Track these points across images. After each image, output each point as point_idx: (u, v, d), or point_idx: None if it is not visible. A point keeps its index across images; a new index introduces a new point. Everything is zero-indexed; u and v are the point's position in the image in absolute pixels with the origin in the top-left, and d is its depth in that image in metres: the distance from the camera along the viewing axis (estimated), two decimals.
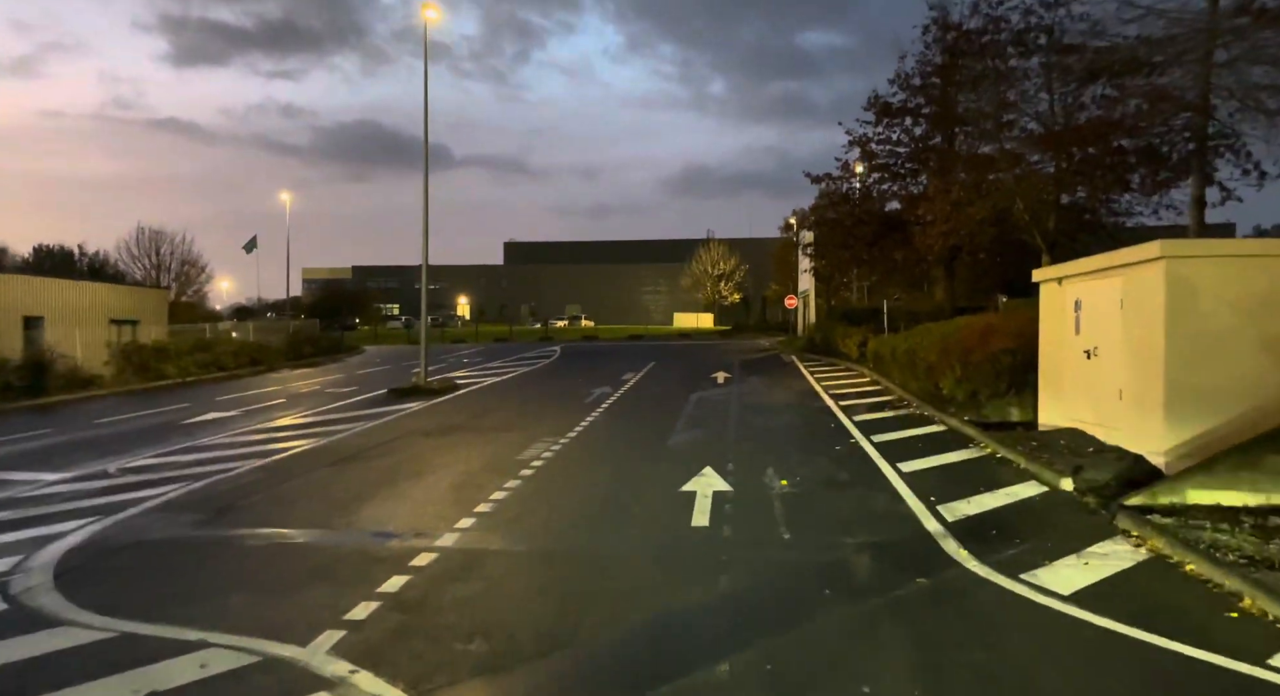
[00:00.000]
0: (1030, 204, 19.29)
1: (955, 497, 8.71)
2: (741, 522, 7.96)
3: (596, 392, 19.53)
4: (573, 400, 18.10)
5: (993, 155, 19.80)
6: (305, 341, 32.09)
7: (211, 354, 23.82)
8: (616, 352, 37.80)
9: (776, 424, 14.55)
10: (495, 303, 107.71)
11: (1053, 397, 12.27)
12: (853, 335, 26.44)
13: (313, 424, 14.86)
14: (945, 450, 11.53)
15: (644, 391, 19.99)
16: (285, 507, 8.73)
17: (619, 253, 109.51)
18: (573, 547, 7.27)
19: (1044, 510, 8.33)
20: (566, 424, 14.36)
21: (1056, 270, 12.18)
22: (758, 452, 11.65)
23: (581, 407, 16.69)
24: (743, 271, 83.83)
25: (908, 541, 7.31)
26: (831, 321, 29.83)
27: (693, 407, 16.77)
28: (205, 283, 62.88)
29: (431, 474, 10.32)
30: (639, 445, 12.50)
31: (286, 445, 12.52)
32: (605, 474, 10.39)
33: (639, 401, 18.00)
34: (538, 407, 17.00)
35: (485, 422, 14.78)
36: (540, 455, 11.46)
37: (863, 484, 9.62)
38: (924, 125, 25.28)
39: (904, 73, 25.19)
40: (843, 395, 18.47)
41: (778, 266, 62.76)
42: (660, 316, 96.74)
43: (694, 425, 14.34)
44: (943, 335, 16.98)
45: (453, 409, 16.97)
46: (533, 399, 18.74)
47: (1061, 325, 12.03)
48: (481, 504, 8.65)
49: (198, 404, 18.28)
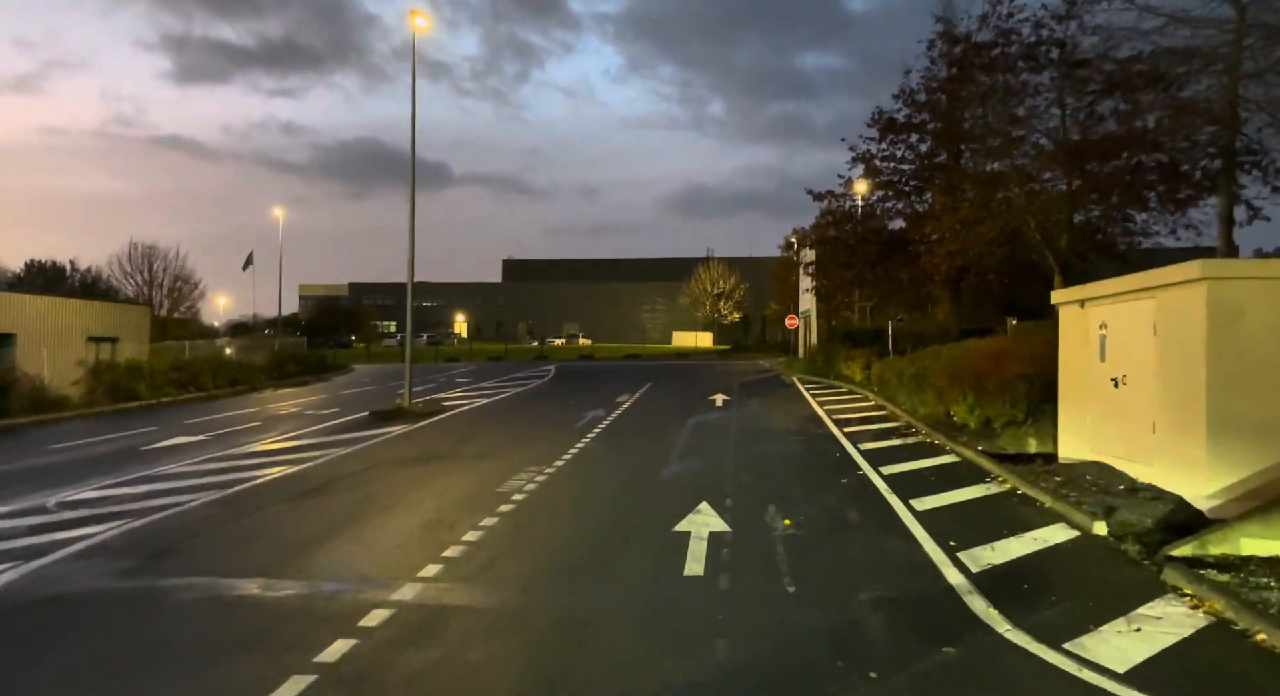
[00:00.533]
0: (1041, 223, 18.56)
1: (977, 542, 7.85)
2: (741, 571, 7.09)
3: (589, 416, 18.68)
4: (563, 425, 17.24)
5: (1002, 172, 19.09)
6: (290, 360, 31.09)
7: (188, 373, 22.93)
8: (612, 373, 36.99)
9: (778, 453, 13.69)
10: (493, 321, 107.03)
11: (1075, 428, 11.41)
12: (856, 357, 25.63)
13: (283, 450, 13.98)
14: (960, 484, 10.67)
15: (639, 415, 19.15)
16: (231, 551, 7.85)
17: (618, 271, 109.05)
18: (549, 603, 6.40)
19: (1078, 559, 7.46)
20: (555, 451, 13.50)
21: (1078, 291, 11.37)
22: (758, 486, 10.79)
23: (572, 433, 15.83)
24: (742, 290, 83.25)
25: (929, 598, 6.43)
26: (834, 343, 29.04)
27: (689, 434, 15.91)
28: (198, 299, 61.95)
29: (402, 509, 9.45)
30: (630, 476, 11.64)
31: (250, 475, 11.64)
32: (592, 510, 9.52)
33: (633, 426, 17.14)
34: (526, 433, 16.14)
35: (468, 449, 13.90)
36: (523, 487, 10.59)
37: (874, 525, 8.75)
38: (929, 142, 24.62)
39: (909, 88, 24.58)
40: (847, 421, 17.62)
41: (778, 286, 62.08)
42: (659, 335, 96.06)
43: (690, 454, 13.48)
44: (953, 359, 16.17)
45: (435, 434, 16.09)
46: (521, 423, 17.88)
47: (1084, 351, 11.21)
48: (451, 546, 7.78)
49: (165, 427, 17.37)
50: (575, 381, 31.13)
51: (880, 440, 14.76)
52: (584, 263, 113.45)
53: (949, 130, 23.22)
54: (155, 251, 59.62)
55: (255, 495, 10.29)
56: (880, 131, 24.62)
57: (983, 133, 20.21)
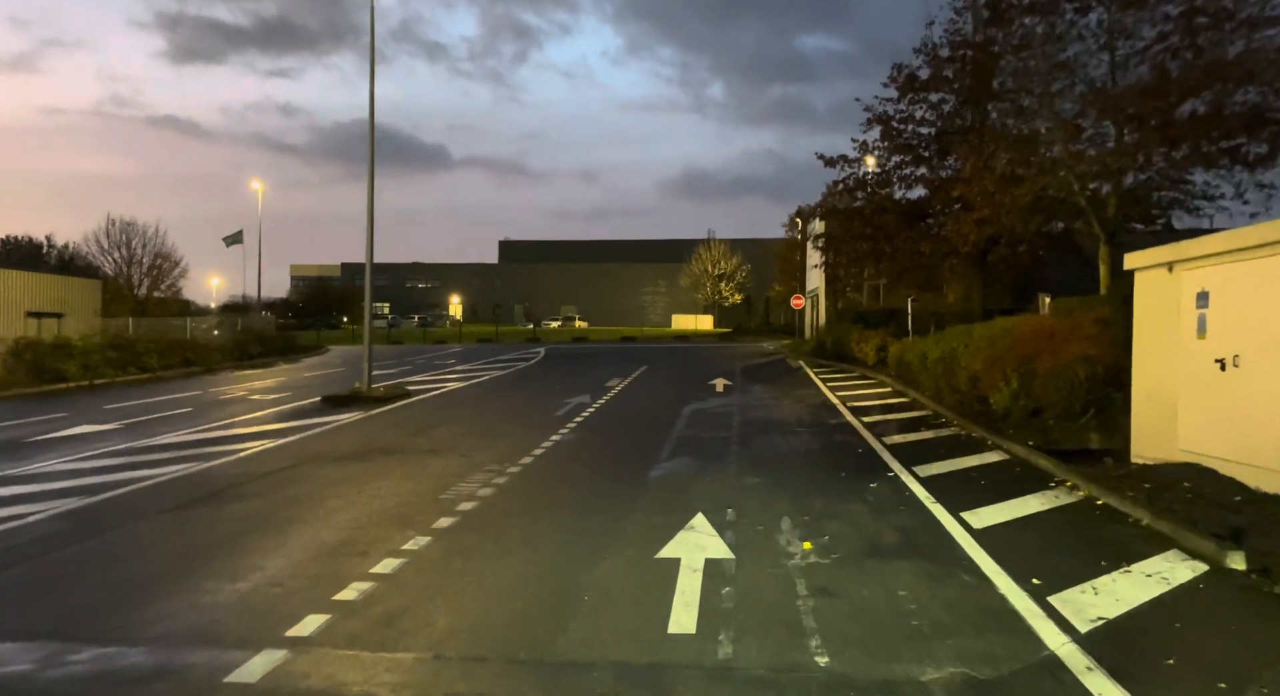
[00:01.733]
0: (1086, 184, 16.33)
1: (1070, 580, 5.75)
2: (749, 626, 4.99)
3: (572, 403, 16.55)
4: (541, 413, 15.13)
5: (1043, 128, 16.82)
6: (254, 340, 28.84)
7: (130, 353, 20.75)
8: (605, 356, 34.85)
9: (789, 448, 11.57)
10: (489, 302, 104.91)
11: (1156, 421, 9.29)
12: (869, 339, 23.46)
13: (201, 442, 11.84)
14: (1020, 491, 8.55)
15: (629, 402, 17.03)
16: (41, 593, 5.73)
17: (616, 252, 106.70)
18: (463, 690, 4.28)
19: (1219, 608, 5.34)
20: (524, 445, 11.40)
21: (1167, 252, 9.19)
22: (767, 491, 8.68)
23: (549, 422, 13.72)
24: (745, 271, 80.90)
25: (1029, 679, 4.32)
26: (844, 324, 26.85)
27: (686, 424, 13.79)
28: (179, 278, 59.58)
29: (308, 525, 7.33)
30: (611, 478, 9.52)
31: (138, 476, 9.51)
32: (553, 526, 7.40)
33: (621, 415, 15.03)
34: (496, 423, 14.02)
35: (421, 442, 11.78)
36: (475, 493, 8.49)
37: (923, 550, 6.62)
38: (953, 100, 22.32)
39: (931, 42, 22.28)
40: (865, 409, 15.49)
41: (781, 266, 59.79)
42: (658, 318, 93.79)
43: (685, 449, 11.37)
44: (989, 339, 13.98)
45: (389, 423, 13.97)
46: (493, 411, 15.75)
47: (1171, 326, 9.05)
48: (352, 585, 5.67)
49: (77, 413, 15.22)
50: (564, 365, 28.99)
51: (908, 432, 12.64)
52: (582, 244, 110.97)
53: (976, 87, 20.94)
54: (134, 227, 57.23)
55: (125, 505, 8.16)
56: (900, 89, 22.32)
57: (1018, 85, 17.92)
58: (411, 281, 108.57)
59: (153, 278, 57.92)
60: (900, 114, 22.93)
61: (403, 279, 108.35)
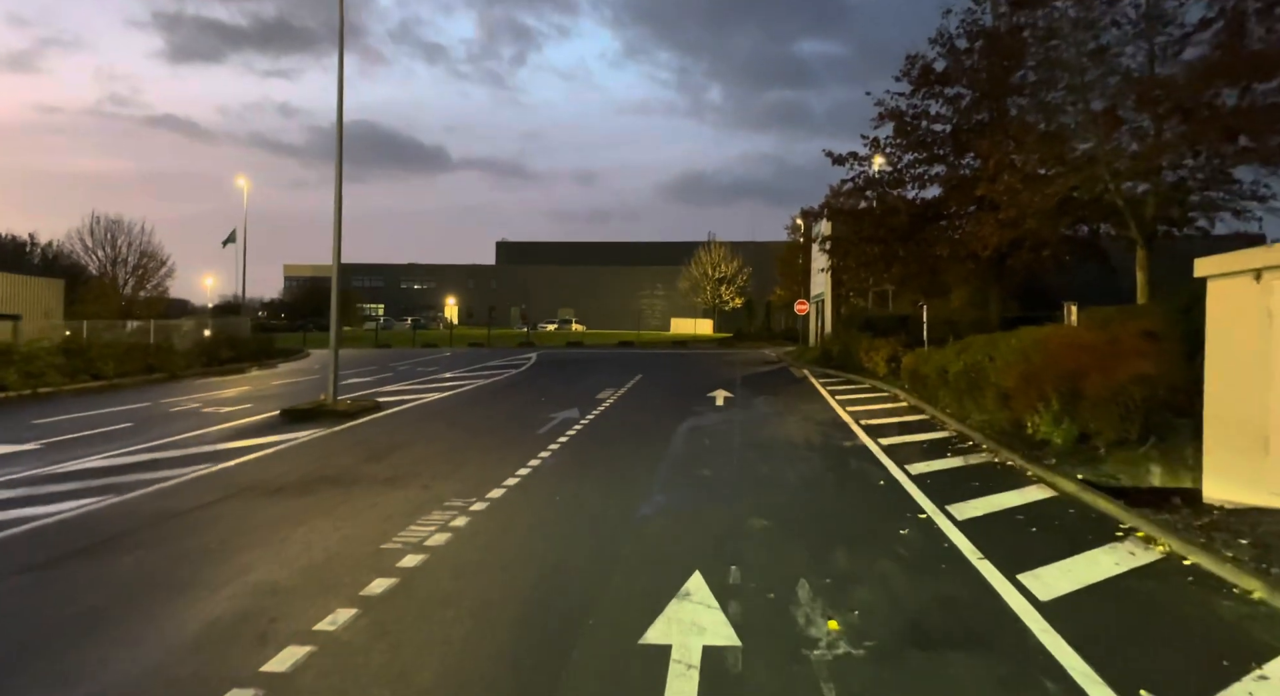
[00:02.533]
0: (1121, 183, 14.89)
1: (1191, 694, 4.28)
2: None
3: (558, 418, 15.09)
4: (523, 430, 13.67)
5: (1073, 122, 15.39)
6: (224, 343, 27.21)
7: (83, 359, 19.23)
8: (600, 362, 33.35)
9: (799, 478, 10.11)
10: (485, 304, 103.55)
11: (1238, 455, 7.83)
12: (879, 348, 22.01)
13: (122, 468, 10.30)
14: (1083, 543, 7.09)
15: (620, 418, 15.56)
16: None
17: (615, 255, 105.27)
18: None
19: None
20: (497, 473, 9.94)
21: (1255, 256, 7.74)
22: (777, 539, 7.23)
23: (530, 443, 12.25)
24: (745, 275, 79.33)
25: None
26: (851, 331, 25.39)
27: (681, 445, 12.33)
28: (166, 277, 58.05)
29: (200, 594, 5.85)
30: (593, 517, 8.06)
31: (21, 515, 7.98)
32: (512, 595, 5.91)
33: (610, 434, 13.56)
34: (469, 442, 12.55)
35: (379, 469, 10.31)
36: (425, 541, 7.03)
37: (980, 635, 5.15)
38: (971, 96, 20.88)
39: (947, 33, 20.85)
40: (881, 428, 14.03)
41: (783, 270, 58.29)
42: (657, 321, 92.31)
43: (679, 479, 9.91)
44: (1020, 353, 12.54)
45: (349, 443, 12.49)
46: (468, 428, 14.26)
47: (1259, 342, 7.61)
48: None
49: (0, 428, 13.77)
50: (555, 372, 27.50)
51: (933, 459, 11.18)
52: (580, 246, 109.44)
53: (996, 78, 19.50)
54: (119, 225, 55.74)
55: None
56: (915, 82, 20.88)
57: (1044, 76, 16.49)
58: (407, 282, 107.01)
59: (138, 277, 56.44)
60: (914, 109, 21.50)
61: (397, 279, 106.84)
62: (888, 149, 21.58)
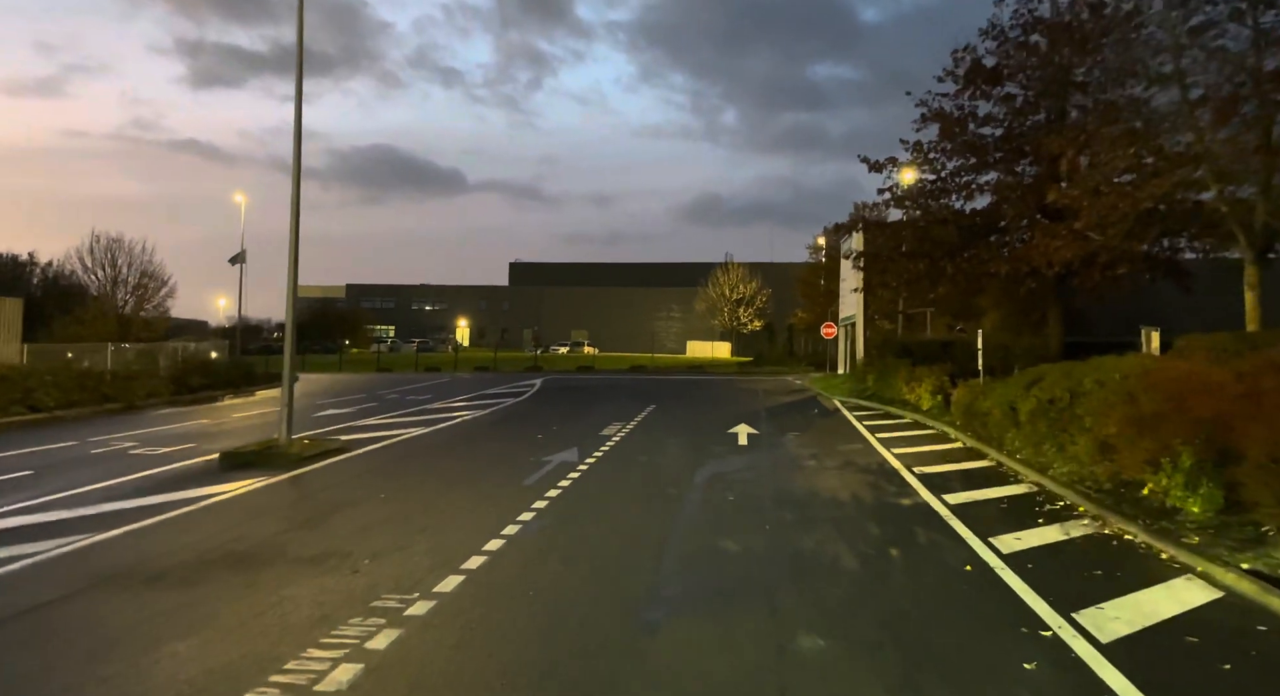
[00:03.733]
0: (1226, 185, 12.47)
1: None
2: None
3: (554, 462, 12.73)
4: (507, 479, 11.32)
5: (1167, 115, 13.00)
6: (196, 370, 24.89)
7: (20, 388, 17.05)
8: (610, 390, 30.90)
9: (855, 557, 7.65)
10: (497, 326, 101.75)
11: None
12: (923, 377, 19.51)
13: None
14: None
15: (627, 461, 13.17)
16: None
17: (629, 276, 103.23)
18: None
19: None
20: (460, 547, 7.59)
21: None
22: (842, 677, 4.80)
23: (512, 498, 9.88)
24: (765, 296, 76.83)
25: None
26: (887, 357, 22.89)
27: (699, 502, 9.92)
28: (166, 298, 56.38)
29: None
30: (576, 629, 5.66)
31: None
32: None
33: (613, 484, 11.18)
34: (438, 497, 10.20)
35: (309, 541, 7.95)
36: (326, 674, 4.66)
37: None
38: (1025, 95, 18.54)
39: (1000, 24, 18.59)
40: (940, 479, 11.54)
41: (804, 291, 55.81)
42: (673, 344, 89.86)
43: (699, 558, 7.50)
44: (1123, 393, 10.03)
45: (286, 500, 10.14)
46: (442, 477, 11.90)
47: None
48: None
49: None
50: (559, 402, 25.10)
51: (1022, 527, 8.69)
52: (594, 266, 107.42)
53: (1055, 72, 17.16)
54: (119, 244, 54.24)
55: None
56: (964, 78, 18.59)
57: (1124, 63, 14.12)
58: (418, 304, 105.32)
59: (137, 297, 54.80)
60: (961, 110, 19.18)
61: (409, 301, 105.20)
62: (931, 154, 19.24)
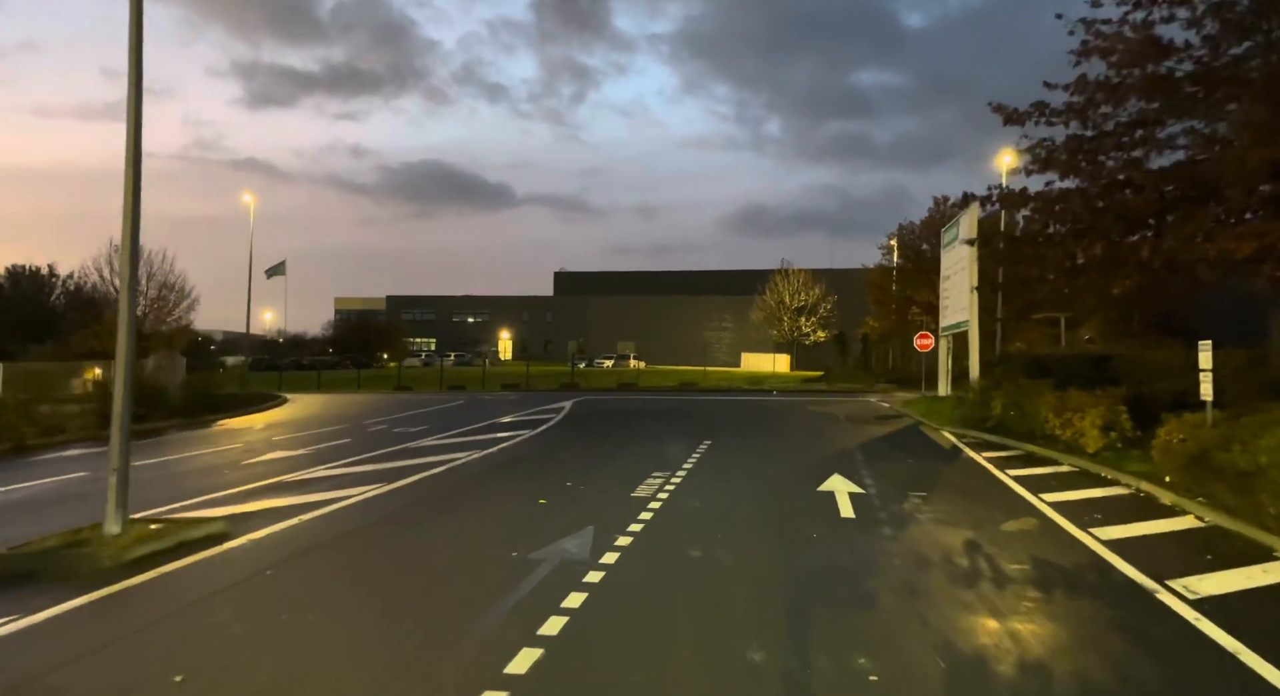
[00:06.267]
0: None
1: None
2: None
3: (554, 560, 7.61)
4: (469, 609, 6.25)
5: None
6: (159, 393, 20.30)
7: None
8: (653, 416, 25.39)
9: None
10: (540, 338, 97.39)
11: None
12: (1084, 407, 13.95)
13: None
14: None
15: (669, 556, 7.99)
16: None
17: (678, 284, 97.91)
18: None
19: None
20: None
21: None
22: None
23: (463, 664, 4.79)
24: (830, 303, 70.75)
25: None
26: (1021, 379, 17.25)
27: (799, 672, 4.69)
28: (187, 311, 53.07)
29: None
30: None
31: None
32: None
33: (646, 628, 6.01)
34: (311, 670, 5.18)
35: None
36: None
37: None
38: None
39: None
40: (1234, 607, 6.10)
41: (876, 297, 49.83)
42: (725, 356, 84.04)
43: None
44: None
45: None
46: (355, 603, 6.93)
47: None
48: None
49: None
50: (585, 436, 19.79)
51: None
52: (642, 275, 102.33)
53: None
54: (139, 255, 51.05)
55: None
56: None
57: None
58: (459, 315, 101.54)
59: (156, 310, 51.62)
60: (1136, 23, 13.66)
61: (449, 312, 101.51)
62: (1098, 95, 13.73)
